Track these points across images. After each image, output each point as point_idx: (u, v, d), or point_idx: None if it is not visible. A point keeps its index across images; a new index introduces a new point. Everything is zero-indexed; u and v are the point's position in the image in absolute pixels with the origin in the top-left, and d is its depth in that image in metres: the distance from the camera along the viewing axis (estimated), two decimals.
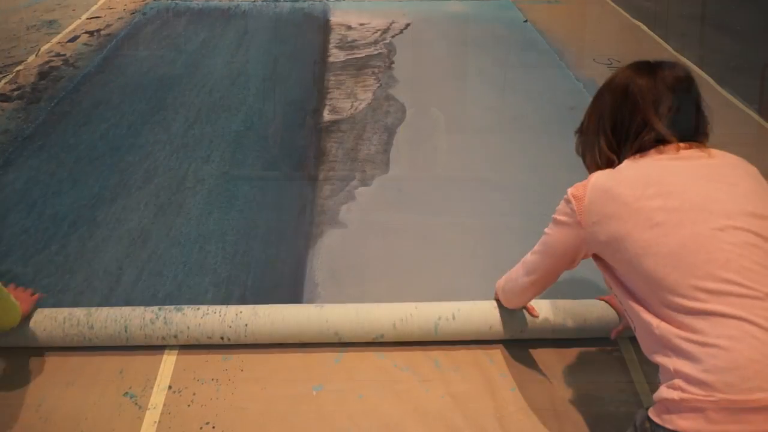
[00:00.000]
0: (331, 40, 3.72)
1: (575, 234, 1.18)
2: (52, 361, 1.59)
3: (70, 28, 3.88)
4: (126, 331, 1.58)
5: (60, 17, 4.08)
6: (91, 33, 3.79)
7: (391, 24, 4.01)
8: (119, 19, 4.05)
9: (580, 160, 1.32)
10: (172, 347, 1.62)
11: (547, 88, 3.12)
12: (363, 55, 3.52)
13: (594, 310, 1.63)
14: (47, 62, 3.37)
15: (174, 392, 1.51)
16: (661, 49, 3.66)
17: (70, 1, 4.40)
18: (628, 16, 4.23)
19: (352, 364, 1.59)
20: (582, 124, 1.31)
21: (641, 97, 1.16)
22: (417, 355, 1.62)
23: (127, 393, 1.51)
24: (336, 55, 3.51)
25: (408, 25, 4.00)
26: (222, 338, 1.59)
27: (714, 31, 4.06)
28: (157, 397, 1.50)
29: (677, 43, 3.75)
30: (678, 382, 0.97)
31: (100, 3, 4.35)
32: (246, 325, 1.59)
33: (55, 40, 3.68)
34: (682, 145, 1.13)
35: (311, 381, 1.55)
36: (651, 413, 1.02)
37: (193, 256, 1.97)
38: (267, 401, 1.49)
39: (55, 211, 2.17)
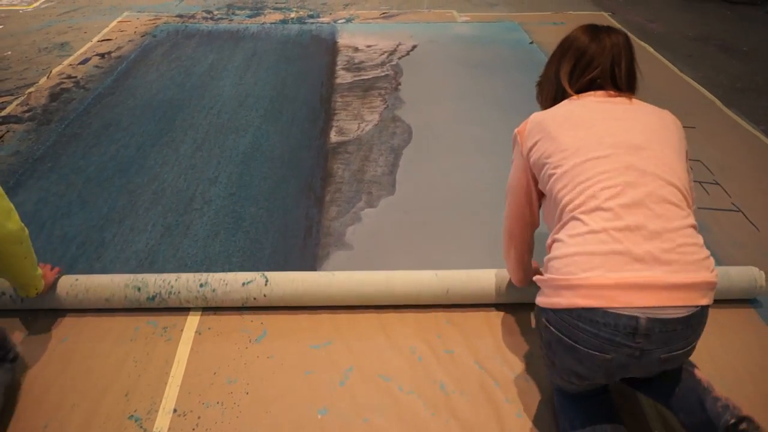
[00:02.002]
0: (339, 62, 3.76)
1: (522, 164, 1.46)
2: (56, 383, 1.59)
3: (82, 50, 3.93)
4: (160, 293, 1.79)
5: (72, 40, 4.14)
6: (102, 55, 3.85)
7: (397, 46, 4.04)
8: (130, 41, 4.10)
9: None
10: (177, 368, 1.63)
11: None
12: (370, 76, 3.55)
13: None
14: (58, 84, 3.42)
15: (179, 415, 1.51)
16: (667, 71, 3.68)
17: (81, 24, 4.47)
18: (633, 37, 4.26)
19: (357, 387, 1.59)
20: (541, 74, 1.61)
21: (581, 53, 1.44)
22: (422, 378, 1.62)
23: (132, 416, 1.51)
24: (343, 77, 3.54)
25: (415, 46, 4.03)
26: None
27: (720, 52, 4.07)
28: (162, 420, 1.50)
29: (683, 65, 3.77)
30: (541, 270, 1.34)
31: (111, 26, 4.42)
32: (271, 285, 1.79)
33: (66, 62, 3.74)
34: (611, 92, 1.40)
35: (316, 404, 1.54)
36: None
37: None
38: (272, 425, 1.49)
39: (63, 232, 2.19)
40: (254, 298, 1.79)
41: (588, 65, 1.43)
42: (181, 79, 3.48)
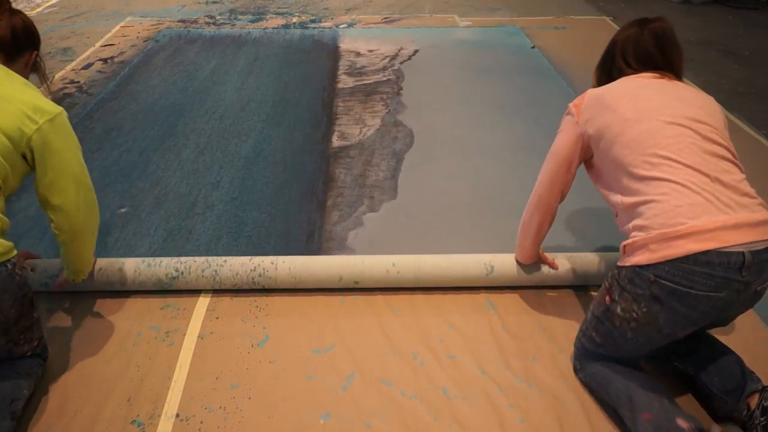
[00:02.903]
0: (340, 67, 3.77)
1: (574, 132, 1.61)
2: (58, 388, 1.60)
3: (85, 55, 3.95)
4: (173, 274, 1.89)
5: (74, 45, 4.16)
6: (104, 60, 3.86)
7: (399, 50, 4.05)
8: (132, 46, 4.12)
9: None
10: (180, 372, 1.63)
11: (555, 114, 3.12)
12: (372, 81, 3.55)
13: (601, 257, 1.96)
14: (61, 89, 3.43)
15: (181, 420, 1.51)
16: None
17: (84, 29, 4.49)
18: None
19: (359, 392, 1.59)
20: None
21: (627, 42, 1.66)
22: (424, 383, 1.62)
23: (134, 421, 1.51)
24: (345, 82, 3.55)
25: (416, 51, 4.04)
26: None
27: (722, 56, 4.07)
28: (165, 425, 1.50)
29: (685, 69, 3.76)
30: (633, 233, 1.42)
31: (114, 30, 4.44)
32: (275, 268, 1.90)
33: (69, 67, 3.75)
34: (655, 74, 1.60)
35: (318, 410, 1.54)
36: (617, 264, 1.46)
37: None
38: (274, 430, 1.49)
39: None
40: (261, 262, 1.89)
41: (615, 54, 1.70)
42: (183, 84, 3.49)
